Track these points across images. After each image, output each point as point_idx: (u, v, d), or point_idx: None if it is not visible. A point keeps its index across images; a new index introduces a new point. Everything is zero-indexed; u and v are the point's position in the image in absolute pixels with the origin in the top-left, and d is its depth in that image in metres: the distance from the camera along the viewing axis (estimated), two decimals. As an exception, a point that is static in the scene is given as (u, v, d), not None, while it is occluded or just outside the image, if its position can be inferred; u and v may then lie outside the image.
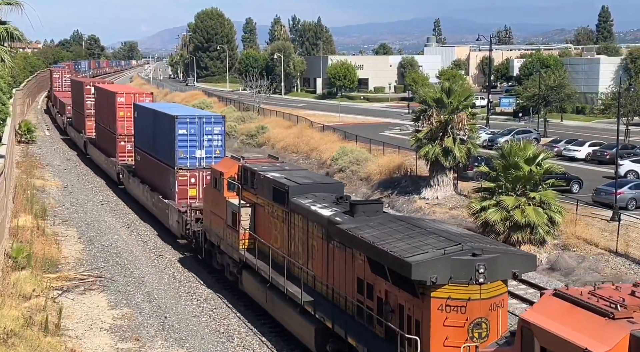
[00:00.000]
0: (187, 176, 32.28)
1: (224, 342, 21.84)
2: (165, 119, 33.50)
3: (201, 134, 32.29)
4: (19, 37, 27.71)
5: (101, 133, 50.35)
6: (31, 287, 23.63)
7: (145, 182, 37.62)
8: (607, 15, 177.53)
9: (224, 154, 31.85)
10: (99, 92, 51.25)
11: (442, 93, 39.52)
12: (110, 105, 46.13)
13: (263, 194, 23.43)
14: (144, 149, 38.05)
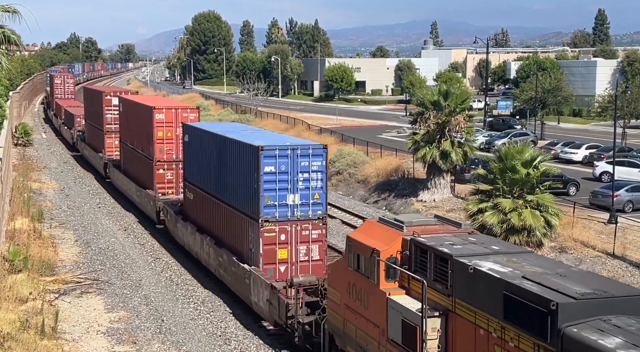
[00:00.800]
0: (276, 231, 23.07)
1: (221, 346, 21.81)
2: (243, 150, 24.11)
3: (295, 171, 23.01)
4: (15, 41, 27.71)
5: (129, 155, 40.87)
6: (28, 290, 23.58)
7: (204, 231, 28.18)
8: (603, 18, 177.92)
9: (325, 200, 23.61)
10: (126, 104, 41.60)
11: (440, 95, 39.56)
12: (143, 123, 36.73)
13: (472, 300, 14.09)
14: (202, 186, 28.61)
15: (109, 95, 48.23)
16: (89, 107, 55.08)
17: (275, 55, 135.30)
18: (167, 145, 35.21)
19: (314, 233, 23.41)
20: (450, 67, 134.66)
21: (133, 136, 39.58)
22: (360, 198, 43.74)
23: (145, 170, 36.88)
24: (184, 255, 30.90)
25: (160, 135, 35.16)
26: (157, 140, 35.10)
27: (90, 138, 53.74)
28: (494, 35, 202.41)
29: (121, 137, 42.78)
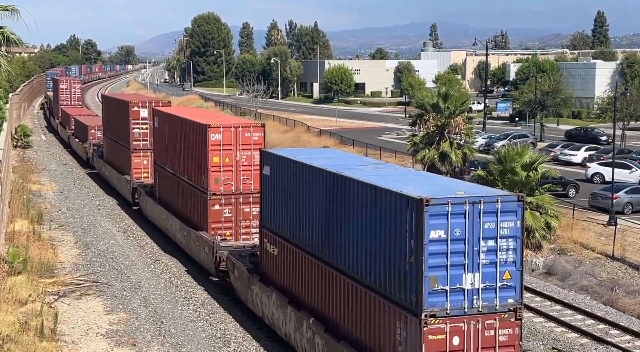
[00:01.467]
0: (447, 331, 14.96)
1: (220, 348, 21.80)
2: (384, 199, 15.93)
3: (475, 237, 15.09)
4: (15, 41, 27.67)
5: (168, 182, 33.09)
6: (27, 292, 23.58)
7: (301, 306, 20.15)
8: (602, 20, 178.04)
9: (521, 281, 15.46)
10: (163, 118, 33.52)
11: (439, 97, 39.63)
12: (192, 144, 29.20)
13: None
14: (296, 239, 20.59)
15: (136, 106, 40.65)
16: (109, 119, 47.14)
17: (274, 57, 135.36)
18: (225, 173, 27.55)
19: (502, 334, 15.16)
20: (449, 69, 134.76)
21: (173, 159, 32.04)
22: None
23: (195, 204, 29.07)
24: (184, 256, 30.91)
25: (216, 161, 27.47)
26: (211, 169, 27.43)
27: (111, 155, 45.97)
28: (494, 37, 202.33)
29: (156, 158, 35.25)
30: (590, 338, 23.11)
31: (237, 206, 27.66)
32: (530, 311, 25.43)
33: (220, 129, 27.41)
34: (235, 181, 27.62)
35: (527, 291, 27.64)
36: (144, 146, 40.06)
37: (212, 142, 27.19)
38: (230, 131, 27.46)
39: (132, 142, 40.41)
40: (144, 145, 40.06)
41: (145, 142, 39.88)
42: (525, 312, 25.37)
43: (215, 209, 27.51)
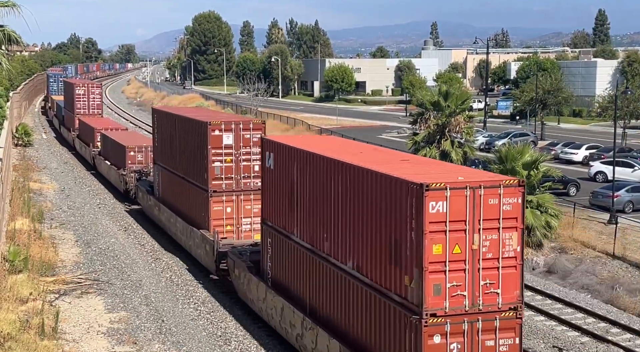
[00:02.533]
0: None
1: (221, 346, 21.81)
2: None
3: None
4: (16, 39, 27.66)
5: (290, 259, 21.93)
6: (28, 291, 23.59)
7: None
8: (603, 18, 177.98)
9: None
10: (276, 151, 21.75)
11: (440, 96, 39.62)
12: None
13: None
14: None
15: (218, 129, 27.49)
16: (166, 142, 33.29)
17: (275, 55, 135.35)
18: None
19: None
20: (450, 67, 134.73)
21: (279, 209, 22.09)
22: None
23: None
24: (184, 255, 30.92)
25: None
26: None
27: (171, 194, 32.92)
28: (494, 36, 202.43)
29: (267, 197, 22.82)
30: (591, 337, 23.11)
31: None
32: (531, 309, 25.44)
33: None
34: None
35: (527, 289, 27.66)
36: (228, 187, 27.78)
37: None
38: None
39: (210, 182, 27.73)
40: (229, 185, 27.81)
41: (230, 182, 27.82)
42: (526, 311, 25.39)
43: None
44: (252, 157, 27.59)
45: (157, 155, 34.89)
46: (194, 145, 29.16)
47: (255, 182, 27.06)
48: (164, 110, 35.69)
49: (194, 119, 29.44)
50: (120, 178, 42.00)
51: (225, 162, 27.68)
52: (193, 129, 29.25)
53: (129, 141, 43.37)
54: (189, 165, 30.02)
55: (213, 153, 27.59)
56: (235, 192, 27.81)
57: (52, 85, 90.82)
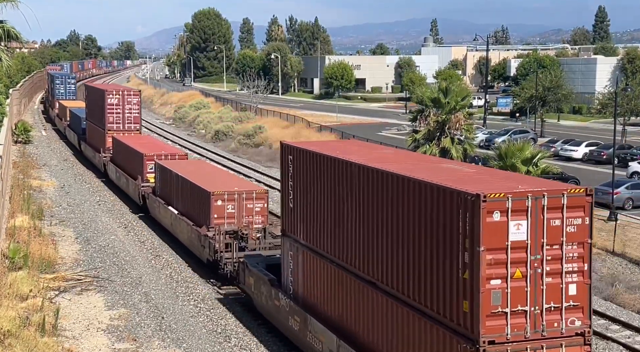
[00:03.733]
0: None
1: (221, 343, 21.83)
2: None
3: None
4: (16, 35, 27.64)
5: None
6: (28, 288, 23.60)
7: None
8: (603, 15, 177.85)
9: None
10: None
11: (440, 93, 39.60)
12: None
13: None
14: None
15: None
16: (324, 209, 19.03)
17: (275, 52, 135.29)
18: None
19: None
20: (450, 64, 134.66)
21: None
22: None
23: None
24: (184, 252, 30.93)
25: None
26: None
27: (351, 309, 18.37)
28: (494, 33, 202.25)
29: None
30: (591, 333, 23.13)
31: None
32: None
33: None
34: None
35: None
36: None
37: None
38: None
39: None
40: None
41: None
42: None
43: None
44: None
45: (294, 223, 20.09)
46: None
47: None
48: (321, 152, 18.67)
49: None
50: (200, 241, 27.84)
51: None
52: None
53: (207, 180, 29.55)
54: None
55: None
56: None
57: (57, 87, 76.69)
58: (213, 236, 26.57)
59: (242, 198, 27.68)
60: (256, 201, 27.75)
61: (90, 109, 52.91)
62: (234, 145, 63.52)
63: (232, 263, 25.61)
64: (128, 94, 48.13)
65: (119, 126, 47.14)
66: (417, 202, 14.31)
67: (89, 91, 54.88)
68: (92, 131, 51.72)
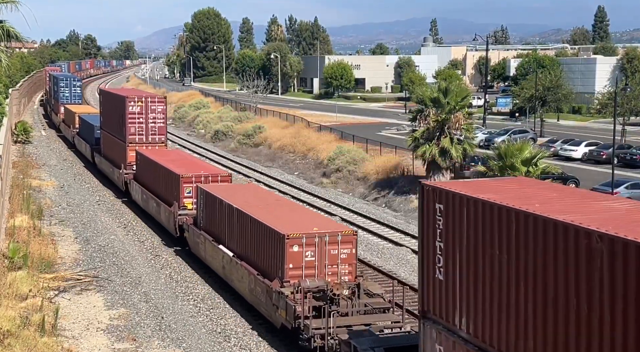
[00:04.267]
0: None
1: (220, 343, 21.83)
2: None
3: None
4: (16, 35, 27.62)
5: None
6: (27, 288, 23.59)
7: None
8: (603, 15, 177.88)
9: None
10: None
11: (439, 93, 39.56)
12: None
13: None
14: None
15: None
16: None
17: (274, 52, 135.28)
18: None
19: None
20: (449, 64, 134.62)
21: None
22: (360, 195, 43.78)
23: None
24: (183, 252, 30.92)
25: None
26: None
27: None
28: (494, 33, 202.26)
29: None
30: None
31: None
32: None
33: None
34: None
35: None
36: None
37: None
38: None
39: None
40: None
41: None
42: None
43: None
44: None
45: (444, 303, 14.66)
46: None
47: None
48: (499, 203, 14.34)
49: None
50: (270, 298, 21.63)
51: None
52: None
53: (276, 217, 23.46)
54: None
55: None
56: None
57: (62, 90, 69.31)
58: (291, 294, 20.33)
59: (325, 242, 21.20)
60: (342, 246, 21.38)
61: (106, 117, 46.84)
62: (233, 145, 63.52)
63: (323, 336, 19.14)
64: (152, 101, 42.38)
65: (141, 138, 41.41)
66: None
67: (105, 97, 48.25)
68: (109, 142, 45.47)
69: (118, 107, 42.91)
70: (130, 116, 41.07)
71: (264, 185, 43.23)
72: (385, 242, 32.82)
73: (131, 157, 40.24)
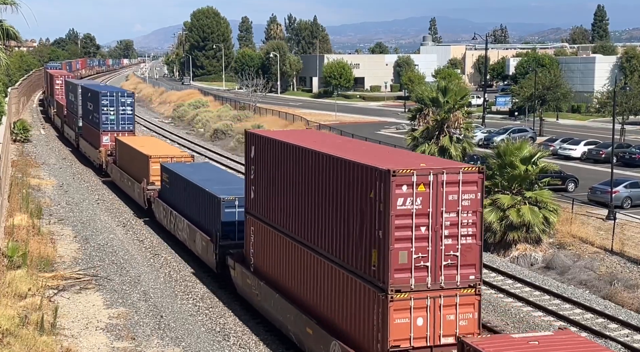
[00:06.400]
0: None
1: (220, 341, 21.83)
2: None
3: None
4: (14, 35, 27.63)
5: None
6: (27, 287, 23.60)
7: None
8: (602, 14, 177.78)
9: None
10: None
11: (438, 92, 39.58)
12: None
13: None
14: None
15: None
16: None
17: (273, 51, 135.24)
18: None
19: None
20: (449, 63, 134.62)
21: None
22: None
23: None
24: (183, 251, 30.92)
25: None
26: None
27: None
28: (493, 32, 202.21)
29: None
30: (589, 332, 23.15)
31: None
32: (530, 305, 25.48)
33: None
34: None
35: (526, 285, 27.73)
36: None
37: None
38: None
39: None
40: None
41: None
42: (525, 306, 25.44)
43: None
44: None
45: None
46: None
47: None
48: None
49: None
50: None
51: None
52: None
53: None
54: None
55: None
56: None
57: (104, 110, 47.13)
58: None
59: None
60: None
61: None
62: (232, 144, 63.49)
63: None
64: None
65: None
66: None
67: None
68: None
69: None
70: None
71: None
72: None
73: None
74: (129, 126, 49.83)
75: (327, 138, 22.79)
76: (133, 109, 49.26)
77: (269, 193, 21.51)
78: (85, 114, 53.59)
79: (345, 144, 20.78)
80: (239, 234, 24.68)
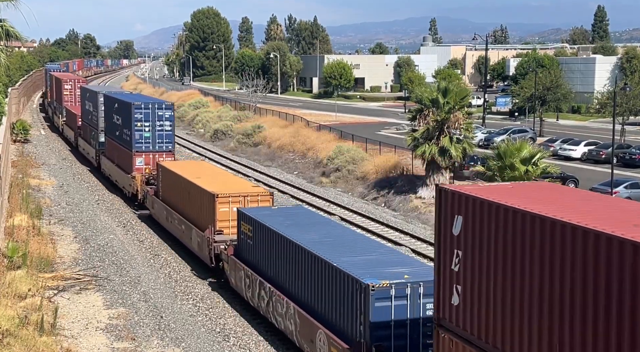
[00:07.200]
0: None
1: (220, 342, 21.83)
2: None
3: None
4: (15, 35, 27.60)
5: None
6: (27, 287, 23.59)
7: None
8: (602, 14, 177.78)
9: None
10: None
11: (439, 93, 39.56)
12: None
13: None
14: None
15: None
16: None
17: (274, 51, 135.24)
18: None
19: None
20: (449, 63, 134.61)
21: None
22: (359, 195, 43.75)
23: None
24: (183, 251, 30.91)
25: None
26: None
27: None
28: (493, 32, 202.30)
29: None
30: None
31: None
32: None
33: None
34: None
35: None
36: None
37: None
38: None
39: None
40: None
41: None
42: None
43: None
44: None
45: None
46: None
47: None
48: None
49: None
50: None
51: None
52: None
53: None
54: None
55: None
56: None
57: (137, 125, 39.28)
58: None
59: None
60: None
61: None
62: (232, 144, 63.47)
63: None
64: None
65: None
66: None
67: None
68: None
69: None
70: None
71: (264, 184, 43.22)
72: (384, 242, 32.82)
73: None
74: (168, 146, 39.38)
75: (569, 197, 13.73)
76: (173, 124, 38.79)
77: (495, 300, 12.67)
78: (110, 129, 44.31)
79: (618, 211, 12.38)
80: (397, 341, 16.34)
